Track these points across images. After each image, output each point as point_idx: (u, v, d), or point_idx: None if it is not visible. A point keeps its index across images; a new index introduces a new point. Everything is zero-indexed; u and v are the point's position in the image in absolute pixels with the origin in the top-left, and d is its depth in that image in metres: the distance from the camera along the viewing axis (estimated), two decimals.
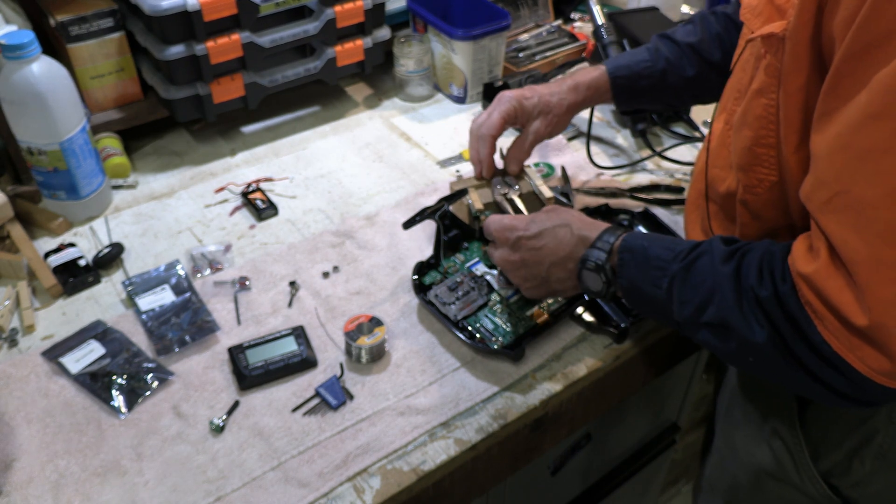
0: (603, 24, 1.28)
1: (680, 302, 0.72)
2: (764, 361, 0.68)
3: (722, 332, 0.69)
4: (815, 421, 0.85)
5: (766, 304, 0.65)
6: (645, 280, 0.76)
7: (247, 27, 1.17)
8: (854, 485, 0.84)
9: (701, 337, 0.72)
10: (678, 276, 0.72)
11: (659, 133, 1.30)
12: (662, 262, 0.74)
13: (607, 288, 0.80)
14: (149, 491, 0.78)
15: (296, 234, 1.10)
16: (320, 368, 0.90)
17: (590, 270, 0.81)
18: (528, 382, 0.89)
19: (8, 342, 0.93)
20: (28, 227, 1.08)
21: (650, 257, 0.75)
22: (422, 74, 1.38)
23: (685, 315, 0.72)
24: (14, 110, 1.01)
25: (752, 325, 0.66)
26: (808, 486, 0.87)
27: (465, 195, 1.02)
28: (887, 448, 0.80)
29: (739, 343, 0.68)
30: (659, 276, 0.74)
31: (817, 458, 0.85)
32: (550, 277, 0.87)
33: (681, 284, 0.72)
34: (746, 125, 0.75)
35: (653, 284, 0.74)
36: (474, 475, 0.87)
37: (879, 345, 0.60)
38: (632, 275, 0.77)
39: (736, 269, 0.68)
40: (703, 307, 0.70)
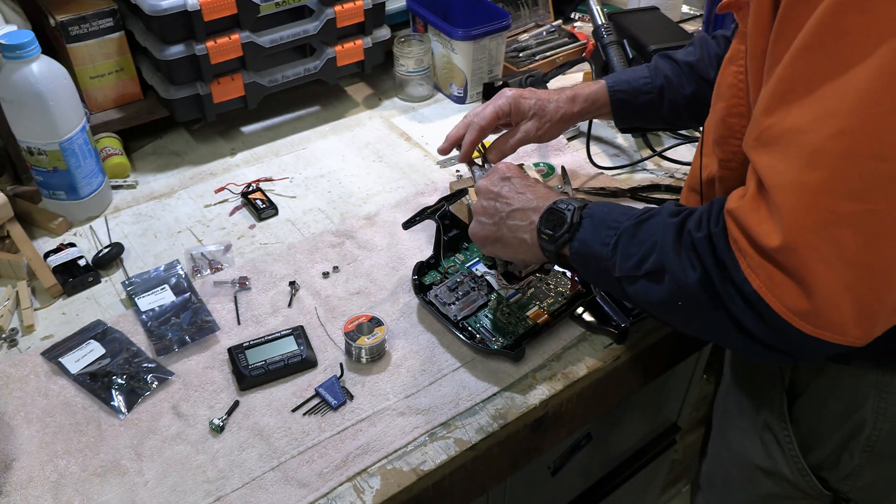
0: (603, 24, 1.28)
1: (623, 256, 0.73)
2: (691, 305, 0.67)
3: (657, 278, 0.69)
4: (805, 414, 0.85)
5: (699, 245, 0.66)
6: (595, 239, 0.76)
7: (247, 27, 1.17)
8: (844, 478, 0.85)
9: (636, 289, 0.72)
10: (626, 232, 0.73)
11: (659, 133, 1.30)
12: (616, 223, 0.75)
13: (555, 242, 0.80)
14: (148, 491, 0.78)
15: (296, 234, 1.10)
16: (320, 368, 0.90)
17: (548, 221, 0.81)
18: (528, 382, 0.89)
19: (8, 342, 0.93)
20: (28, 227, 1.08)
21: (607, 220, 0.76)
22: (422, 74, 1.38)
23: (626, 268, 0.72)
24: (14, 110, 1.01)
25: (686, 267, 0.66)
26: (798, 480, 0.87)
27: (465, 195, 1.02)
28: (875, 440, 0.81)
29: (671, 287, 0.68)
30: (610, 235, 0.74)
31: (807, 451, 0.86)
32: (508, 220, 0.86)
33: (628, 240, 0.73)
34: (720, 96, 0.76)
35: (602, 243, 0.75)
36: (474, 475, 0.87)
37: (791, 272, 0.59)
38: (585, 236, 0.77)
39: (682, 220, 0.69)
40: (645, 258, 0.70)
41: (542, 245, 0.82)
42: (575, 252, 0.78)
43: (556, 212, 0.80)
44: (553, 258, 0.82)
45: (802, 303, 0.60)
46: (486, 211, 0.88)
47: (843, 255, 0.58)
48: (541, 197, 0.84)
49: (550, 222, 0.81)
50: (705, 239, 0.65)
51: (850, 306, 0.59)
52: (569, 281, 0.97)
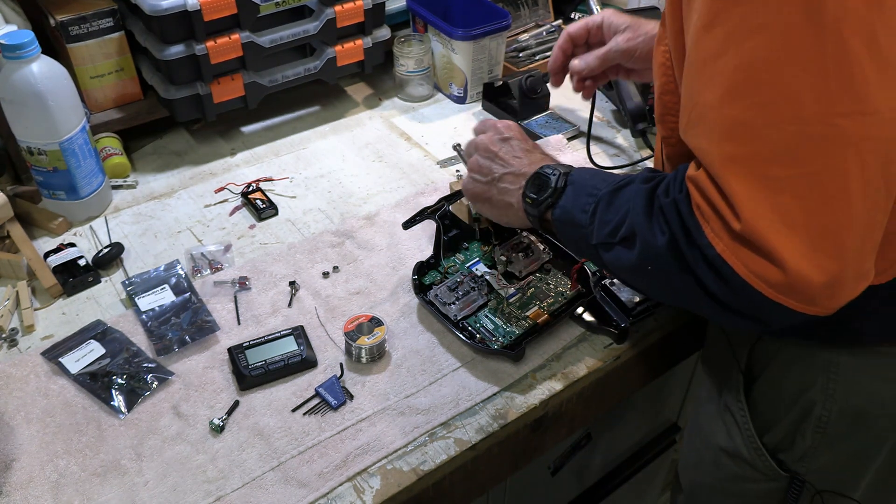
0: None
1: (600, 223, 0.74)
2: (660, 269, 0.68)
3: (629, 243, 0.71)
4: (760, 396, 0.87)
5: (666, 209, 0.67)
6: (575, 206, 0.77)
7: (247, 27, 1.17)
8: (799, 459, 0.86)
9: (611, 255, 0.73)
10: (603, 200, 0.74)
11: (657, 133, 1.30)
12: (595, 190, 0.76)
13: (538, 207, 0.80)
14: (149, 491, 0.78)
15: (296, 234, 1.10)
16: (320, 368, 0.90)
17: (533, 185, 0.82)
18: (528, 382, 0.89)
19: (8, 342, 0.93)
20: (28, 227, 1.08)
21: (587, 186, 0.77)
22: (422, 74, 1.37)
23: (602, 235, 0.73)
24: (14, 110, 1.01)
25: (656, 232, 0.67)
26: (756, 461, 0.89)
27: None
28: (826, 421, 0.82)
29: (641, 251, 0.69)
30: (588, 202, 0.75)
31: (764, 432, 0.87)
32: (499, 182, 0.87)
33: (605, 207, 0.74)
34: (656, 75, 0.77)
35: (581, 210, 0.76)
36: (474, 475, 0.87)
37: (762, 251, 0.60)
38: (567, 203, 0.78)
39: (653, 186, 0.70)
40: (619, 226, 0.71)
41: (525, 209, 0.82)
42: (556, 219, 0.79)
43: (542, 176, 0.81)
44: (536, 223, 0.83)
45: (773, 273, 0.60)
46: (480, 168, 0.89)
47: (792, 222, 0.59)
48: (535, 162, 0.85)
49: (535, 186, 0.81)
50: (671, 204, 0.67)
51: (816, 274, 0.59)
52: (569, 281, 0.97)
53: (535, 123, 1.31)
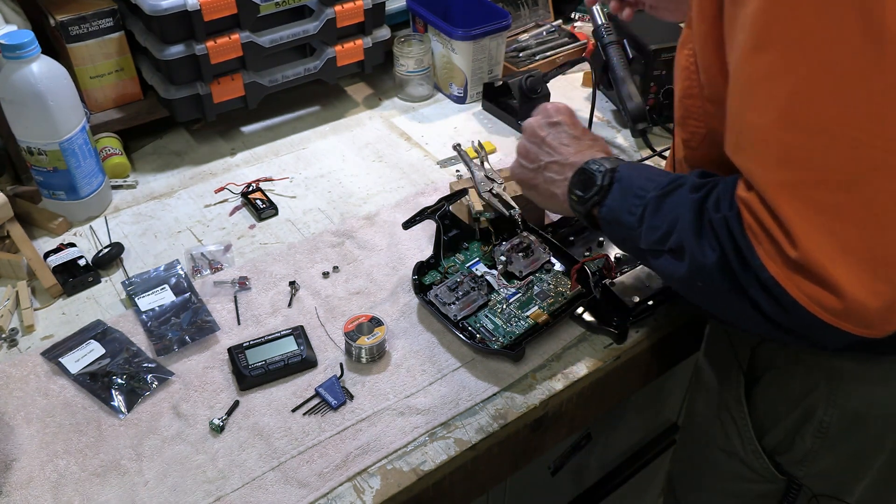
0: (603, 24, 1.28)
1: (649, 228, 0.72)
2: (710, 286, 0.67)
3: (679, 255, 0.69)
4: (762, 397, 0.86)
5: (717, 226, 0.65)
6: (623, 207, 0.75)
7: (247, 27, 1.17)
8: (797, 462, 0.86)
9: (661, 263, 0.73)
10: (652, 204, 0.73)
11: (659, 133, 1.30)
12: (642, 191, 0.74)
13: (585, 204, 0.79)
14: (149, 491, 0.78)
15: (296, 234, 1.10)
16: (320, 368, 0.90)
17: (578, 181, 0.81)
18: (528, 382, 0.89)
19: (8, 342, 0.93)
20: (28, 227, 1.08)
21: (633, 186, 0.76)
22: (422, 74, 1.37)
23: (650, 241, 0.72)
24: (14, 110, 1.01)
25: (705, 248, 0.66)
26: (753, 462, 0.89)
27: (465, 195, 1.02)
28: (827, 426, 0.81)
29: (691, 266, 0.68)
30: (636, 204, 0.74)
31: (762, 434, 0.87)
32: (545, 171, 0.86)
33: (652, 212, 0.72)
34: (678, 78, 0.77)
35: (629, 212, 0.75)
36: (474, 475, 0.87)
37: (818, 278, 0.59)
38: (614, 202, 0.77)
39: (702, 197, 0.68)
40: (668, 235, 0.70)
41: (571, 206, 0.82)
42: (603, 217, 0.78)
43: (587, 172, 0.79)
44: (583, 220, 0.82)
45: (830, 300, 0.59)
46: (528, 154, 0.88)
47: (849, 249, 0.58)
48: (581, 151, 0.84)
49: (581, 183, 0.80)
50: (722, 221, 0.65)
51: (873, 301, 0.59)
52: (569, 281, 0.97)
53: None
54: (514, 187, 1.04)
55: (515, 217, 1.00)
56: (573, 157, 0.84)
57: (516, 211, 1.00)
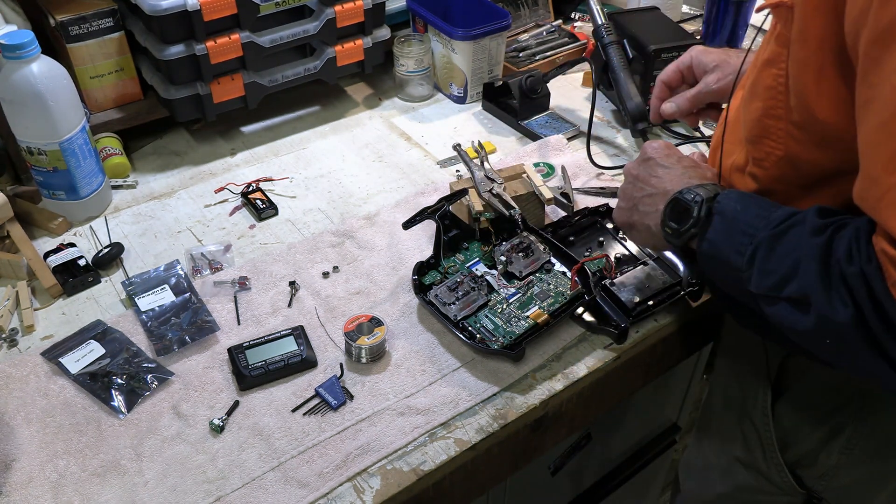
0: (603, 24, 1.28)
1: (762, 272, 0.67)
2: (842, 343, 0.63)
3: (802, 307, 0.65)
4: (787, 411, 0.86)
5: (851, 281, 0.60)
6: (728, 245, 0.71)
7: (247, 27, 1.17)
8: (819, 477, 0.85)
9: (777, 311, 0.67)
10: (764, 245, 0.68)
11: (659, 133, 1.30)
12: (751, 229, 0.69)
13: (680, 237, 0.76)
14: (148, 491, 0.78)
15: (296, 234, 1.10)
16: (320, 368, 0.90)
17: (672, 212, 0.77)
18: (528, 382, 0.89)
19: (8, 342, 0.93)
20: (28, 227, 1.08)
21: (740, 221, 0.71)
22: (422, 74, 1.37)
23: (765, 286, 0.67)
24: (14, 110, 1.01)
25: (836, 302, 0.61)
26: (773, 475, 0.88)
27: (465, 195, 1.02)
28: (854, 443, 0.81)
29: (819, 321, 0.63)
30: (745, 243, 0.69)
31: (785, 448, 0.87)
32: (639, 205, 0.83)
33: (766, 254, 0.67)
34: (757, 96, 0.73)
35: (735, 251, 0.70)
36: (474, 475, 0.87)
37: None
38: (716, 238, 0.72)
39: (826, 243, 0.63)
40: (787, 280, 0.65)
41: (666, 238, 0.78)
42: (704, 252, 0.74)
43: (682, 203, 0.75)
44: (680, 251, 0.80)
45: None
46: (624, 195, 0.86)
47: None
48: (672, 180, 0.80)
49: (675, 214, 0.76)
50: (858, 276, 0.60)
51: None
52: (569, 281, 0.97)
53: (535, 123, 1.31)
54: (514, 187, 1.04)
55: (515, 217, 1.00)
56: (665, 185, 0.80)
57: (516, 211, 1.00)
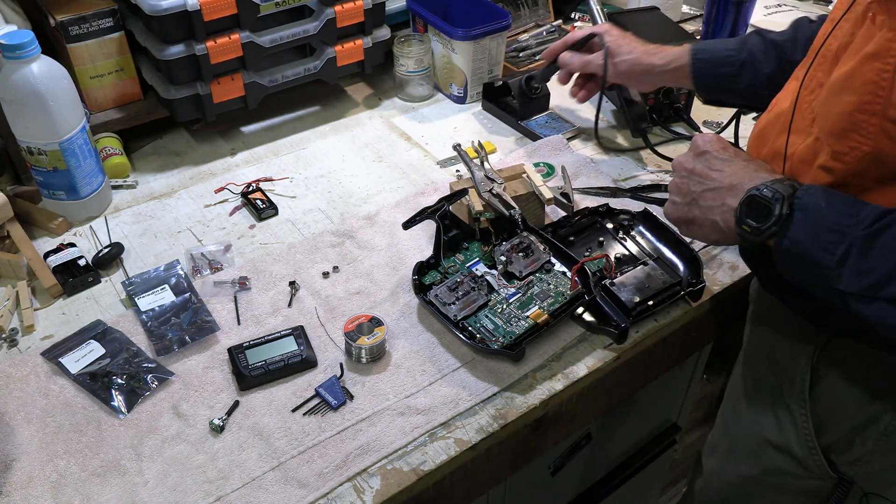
0: None
1: (857, 271, 0.66)
2: None
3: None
4: (824, 396, 0.86)
5: None
6: (814, 242, 0.69)
7: (247, 27, 1.17)
8: (852, 462, 0.86)
9: (869, 312, 0.67)
10: (857, 244, 0.66)
11: (659, 133, 1.30)
12: (841, 227, 0.67)
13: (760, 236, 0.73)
14: (148, 491, 0.78)
15: (296, 234, 1.10)
16: (320, 368, 0.90)
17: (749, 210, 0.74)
18: (528, 382, 0.89)
19: (8, 342, 0.93)
20: (28, 227, 1.08)
21: (826, 219, 0.69)
22: (422, 74, 1.38)
23: (860, 286, 0.66)
24: (14, 110, 1.01)
25: None
26: (807, 458, 0.88)
27: (465, 195, 1.02)
28: (892, 430, 0.81)
29: None
30: (834, 242, 0.67)
31: (821, 432, 0.87)
32: (700, 200, 0.81)
33: (861, 252, 0.66)
34: (850, 90, 0.70)
35: (823, 249, 0.68)
36: (474, 475, 0.87)
37: None
38: (799, 235, 0.70)
39: None
40: (887, 280, 0.65)
41: (742, 235, 0.76)
42: (785, 250, 0.72)
43: (760, 199, 0.73)
44: (754, 249, 0.77)
45: None
46: (679, 189, 0.84)
47: None
48: (736, 174, 0.79)
49: (753, 212, 0.73)
50: None
51: None
52: (569, 281, 0.97)
53: (535, 123, 1.31)
54: (514, 187, 1.04)
55: (515, 217, 1.00)
56: (728, 180, 0.79)
57: (516, 211, 1.00)
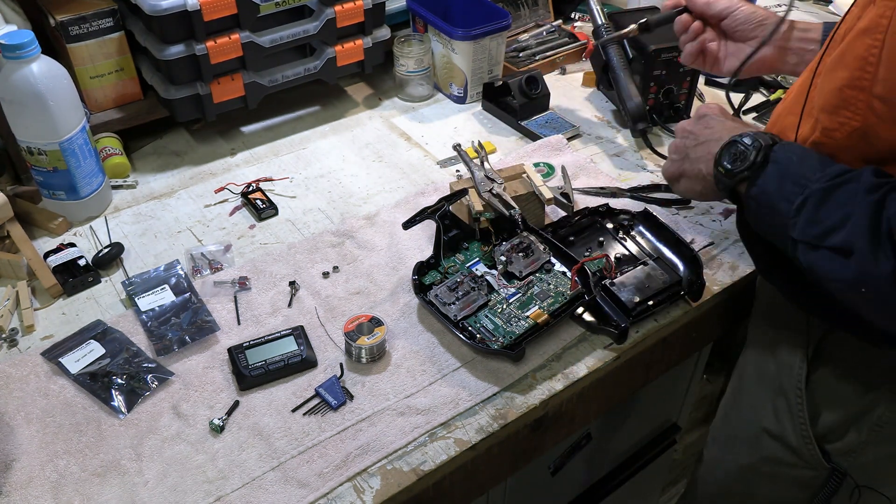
0: (603, 24, 1.28)
1: (808, 220, 0.70)
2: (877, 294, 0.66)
3: (842, 256, 0.67)
4: (821, 385, 0.86)
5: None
6: (778, 192, 0.73)
7: (247, 27, 1.17)
8: (846, 453, 0.87)
9: (813, 259, 0.70)
10: (814, 196, 0.70)
11: (659, 133, 1.30)
12: (803, 179, 0.71)
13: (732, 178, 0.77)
14: (148, 491, 0.78)
15: (296, 234, 1.10)
16: (320, 368, 0.90)
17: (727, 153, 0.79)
18: (528, 382, 0.89)
19: (8, 342, 0.93)
20: (28, 227, 1.08)
21: (793, 172, 0.73)
22: (422, 74, 1.38)
23: (808, 234, 0.70)
24: (14, 110, 1.01)
25: (880, 257, 0.64)
26: (801, 447, 0.89)
27: (465, 195, 1.02)
28: (885, 421, 0.82)
29: (859, 271, 0.66)
30: (795, 192, 0.71)
31: (815, 420, 0.87)
32: (691, 153, 0.86)
33: (816, 204, 0.70)
34: (843, 65, 0.72)
35: (784, 198, 0.72)
36: (474, 475, 0.87)
37: None
38: (768, 185, 0.74)
39: (879, 201, 0.66)
40: (832, 230, 0.68)
41: (716, 177, 0.80)
42: (751, 196, 0.76)
43: (738, 145, 0.77)
44: (726, 194, 0.80)
45: None
46: (676, 148, 0.89)
47: None
48: (727, 129, 0.83)
49: (730, 155, 0.78)
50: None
51: None
52: (569, 281, 0.97)
53: (535, 123, 1.31)
54: (514, 187, 1.04)
55: (515, 217, 1.00)
56: (718, 134, 0.83)
57: (516, 211, 1.00)
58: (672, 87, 1.28)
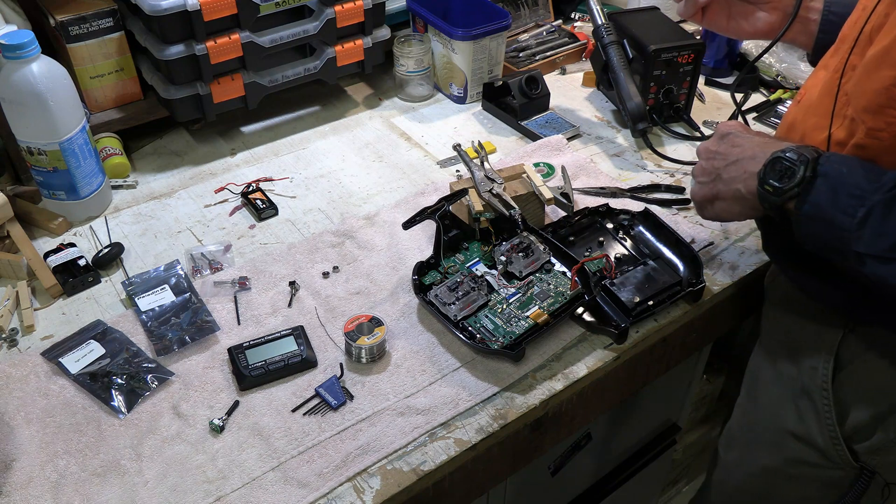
0: (603, 24, 1.28)
1: (876, 234, 0.68)
2: None
3: None
4: (847, 384, 0.86)
5: None
6: (833, 206, 0.71)
7: (247, 27, 1.17)
8: (874, 451, 0.86)
9: (885, 272, 0.69)
10: (878, 207, 0.68)
11: (659, 133, 1.30)
12: (861, 191, 0.70)
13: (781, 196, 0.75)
14: (148, 491, 0.78)
15: (296, 234, 1.10)
16: (320, 368, 0.90)
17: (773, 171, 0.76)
18: (528, 382, 0.89)
19: (8, 342, 0.93)
20: (28, 227, 1.08)
21: (847, 184, 0.71)
22: (422, 74, 1.38)
23: (878, 248, 0.68)
24: (14, 110, 1.01)
25: None
26: (829, 448, 0.89)
27: (465, 195, 1.02)
28: None
29: None
30: (854, 205, 0.70)
31: (843, 420, 0.87)
32: (723, 174, 0.83)
33: (882, 215, 0.68)
34: (887, 64, 0.70)
35: (842, 211, 0.70)
36: (474, 475, 0.87)
37: None
38: (820, 199, 0.72)
39: None
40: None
41: (762, 196, 0.77)
42: (804, 213, 0.74)
43: (784, 161, 0.75)
44: (773, 212, 0.78)
45: None
46: (703, 171, 0.86)
47: None
48: (758, 145, 0.81)
49: (777, 173, 0.76)
50: None
51: None
52: (569, 281, 0.97)
53: (535, 123, 1.31)
54: (514, 187, 1.04)
55: (515, 217, 1.00)
56: (750, 151, 0.81)
57: (516, 211, 1.00)
58: (672, 87, 1.28)
